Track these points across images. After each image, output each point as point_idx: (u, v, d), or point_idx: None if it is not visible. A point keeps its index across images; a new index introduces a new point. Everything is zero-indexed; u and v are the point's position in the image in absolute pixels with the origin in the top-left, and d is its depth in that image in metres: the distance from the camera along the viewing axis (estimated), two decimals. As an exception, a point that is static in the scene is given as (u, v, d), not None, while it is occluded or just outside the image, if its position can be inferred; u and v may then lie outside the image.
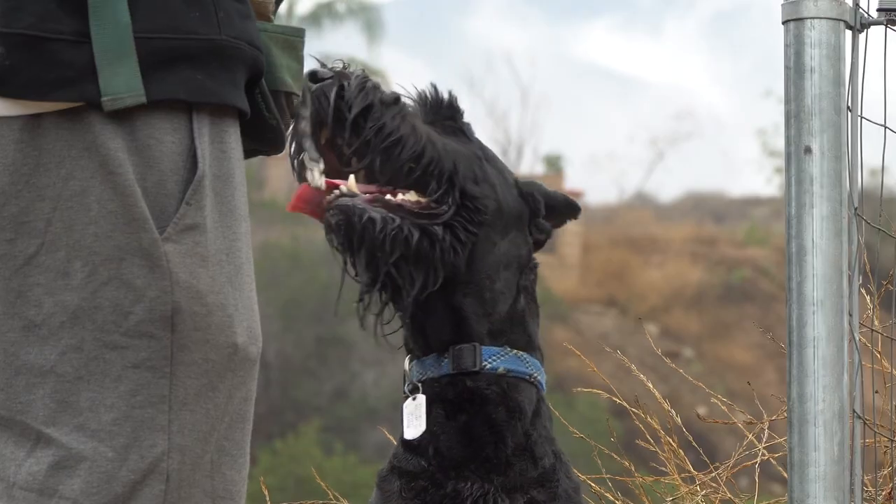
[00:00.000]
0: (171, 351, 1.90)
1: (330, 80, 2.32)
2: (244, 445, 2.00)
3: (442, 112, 2.52)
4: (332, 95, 2.32)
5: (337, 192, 2.35)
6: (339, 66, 2.36)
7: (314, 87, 2.30)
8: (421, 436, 2.45)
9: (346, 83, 2.32)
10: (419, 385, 2.48)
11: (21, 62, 1.86)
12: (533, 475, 2.45)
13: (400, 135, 2.36)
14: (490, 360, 2.47)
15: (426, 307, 2.45)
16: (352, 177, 2.35)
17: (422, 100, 2.52)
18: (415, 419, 2.46)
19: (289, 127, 2.19)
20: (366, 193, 2.36)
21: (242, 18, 1.99)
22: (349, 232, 2.33)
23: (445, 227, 2.40)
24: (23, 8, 1.86)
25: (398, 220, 2.34)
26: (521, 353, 2.50)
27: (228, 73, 1.96)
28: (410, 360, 2.53)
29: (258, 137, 2.11)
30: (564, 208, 2.65)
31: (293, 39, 2.15)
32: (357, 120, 2.33)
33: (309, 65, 2.28)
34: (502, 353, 2.48)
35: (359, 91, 2.33)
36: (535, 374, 2.51)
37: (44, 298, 1.89)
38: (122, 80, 1.88)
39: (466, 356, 2.46)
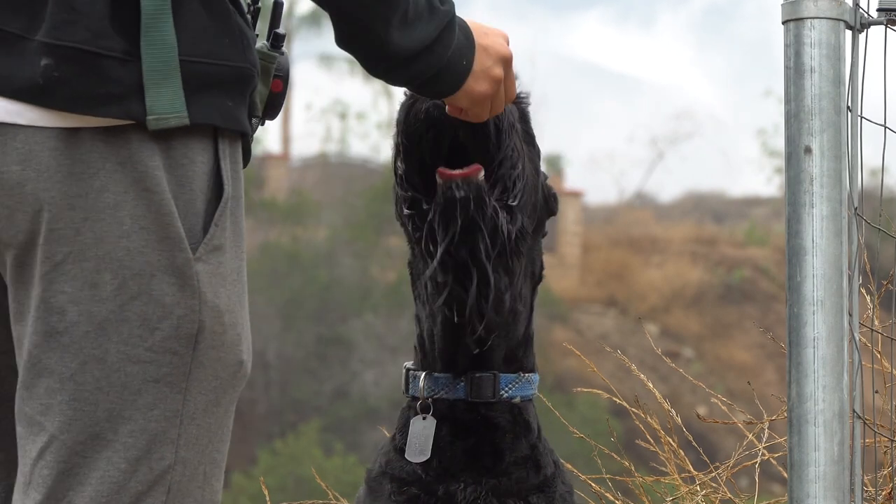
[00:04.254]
0: (190, 368, 1.94)
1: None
2: (226, 455, 2.05)
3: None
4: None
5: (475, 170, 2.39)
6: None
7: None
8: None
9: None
10: (430, 404, 2.50)
11: (70, 75, 1.88)
12: (535, 482, 2.51)
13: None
14: (506, 388, 2.50)
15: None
16: (482, 174, 2.40)
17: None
18: (422, 443, 2.49)
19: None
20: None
21: (254, 44, 2.03)
22: (466, 206, 2.36)
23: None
24: (77, 23, 1.88)
25: (502, 215, 2.40)
26: (529, 375, 2.54)
27: (245, 99, 2.00)
28: (422, 370, 2.53)
29: None
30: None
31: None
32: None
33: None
34: (516, 380, 2.52)
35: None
36: (536, 390, 2.57)
37: (68, 307, 1.91)
38: (167, 101, 1.90)
39: (485, 386, 2.49)
